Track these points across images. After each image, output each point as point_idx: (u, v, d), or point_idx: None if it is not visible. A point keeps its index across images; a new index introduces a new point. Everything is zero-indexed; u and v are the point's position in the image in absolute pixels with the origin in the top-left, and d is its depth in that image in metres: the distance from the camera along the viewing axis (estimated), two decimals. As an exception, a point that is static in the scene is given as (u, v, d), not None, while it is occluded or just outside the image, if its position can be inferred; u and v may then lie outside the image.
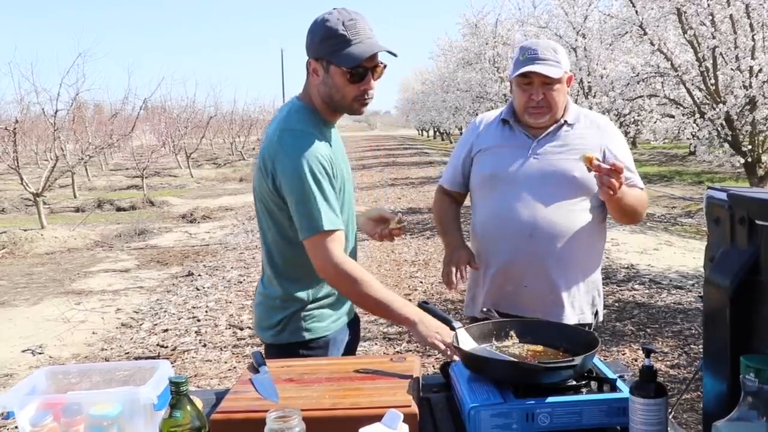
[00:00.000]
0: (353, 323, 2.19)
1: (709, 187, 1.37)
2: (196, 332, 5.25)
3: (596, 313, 2.24)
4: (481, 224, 2.26)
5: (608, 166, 1.88)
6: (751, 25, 7.66)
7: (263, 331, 2.07)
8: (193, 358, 4.73)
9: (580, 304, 2.19)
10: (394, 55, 1.89)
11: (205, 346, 4.92)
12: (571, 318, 2.15)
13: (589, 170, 1.92)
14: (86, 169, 19.34)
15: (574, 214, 2.12)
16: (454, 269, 2.16)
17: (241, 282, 6.96)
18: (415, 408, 1.44)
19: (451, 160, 2.41)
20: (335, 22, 1.85)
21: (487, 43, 15.57)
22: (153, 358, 4.64)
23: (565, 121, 2.19)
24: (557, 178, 2.09)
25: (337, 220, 1.86)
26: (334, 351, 2.05)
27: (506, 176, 2.17)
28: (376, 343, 4.85)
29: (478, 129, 2.32)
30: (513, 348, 1.68)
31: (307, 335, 2.00)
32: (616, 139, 2.20)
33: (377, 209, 2.25)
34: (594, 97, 10.12)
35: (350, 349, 2.15)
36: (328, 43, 1.86)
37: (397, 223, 2.16)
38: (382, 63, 1.93)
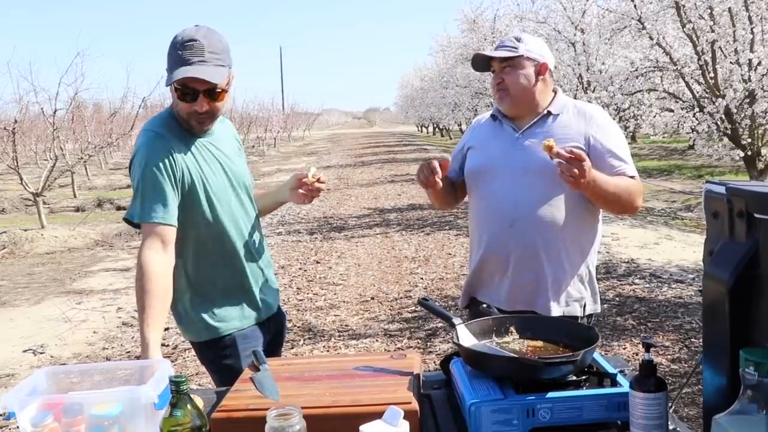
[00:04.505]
0: (269, 323, 2.24)
1: (707, 181, 1.37)
2: (197, 331, 5.25)
3: (584, 306, 2.20)
4: (471, 217, 2.32)
5: (567, 154, 1.88)
6: (749, 18, 7.64)
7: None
8: (193, 356, 4.73)
9: (565, 297, 2.17)
10: (210, 83, 1.92)
11: (206, 344, 4.92)
12: (554, 310, 2.14)
13: (552, 158, 1.91)
14: (86, 169, 19.33)
15: (557, 204, 2.12)
16: (423, 170, 2.12)
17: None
18: (415, 405, 1.44)
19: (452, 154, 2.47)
20: (176, 42, 1.95)
21: (485, 39, 15.55)
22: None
23: (549, 112, 2.21)
24: (538, 168, 2.09)
25: (162, 215, 1.93)
26: (246, 348, 2.08)
27: (490, 169, 2.22)
28: (377, 340, 4.85)
29: (474, 127, 2.42)
30: (513, 344, 1.68)
31: (207, 335, 2.09)
32: (604, 128, 2.17)
33: (292, 177, 2.32)
34: (593, 92, 10.10)
35: (271, 349, 2.22)
36: (167, 60, 1.97)
37: (314, 176, 2.25)
38: (220, 88, 1.98)
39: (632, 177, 2.14)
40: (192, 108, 1.98)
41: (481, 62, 2.28)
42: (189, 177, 1.99)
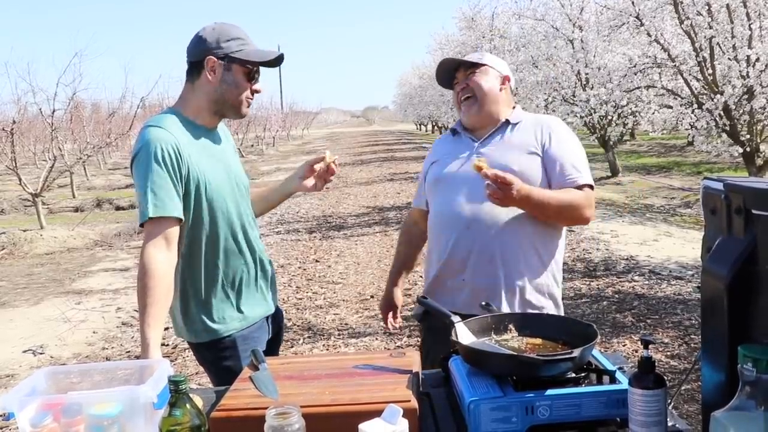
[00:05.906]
0: (267, 323, 2.23)
1: (705, 178, 1.37)
2: (196, 330, 5.25)
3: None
4: (430, 225, 2.31)
5: (492, 176, 1.90)
6: (747, 15, 7.65)
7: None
8: (192, 356, 4.73)
9: (521, 304, 2.14)
10: (277, 61, 2.08)
11: (205, 343, 4.92)
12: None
13: (482, 177, 1.94)
14: (85, 169, 19.33)
15: (514, 210, 2.10)
16: (383, 316, 2.36)
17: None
18: (414, 403, 1.44)
19: (418, 181, 2.50)
20: (234, 28, 2.02)
21: (483, 37, 15.54)
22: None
23: (507, 121, 2.24)
24: None
25: (169, 210, 1.90)
26: (246, 349, 2.06)
27: (448, 177, 2.24)
28: (376, 339, 4.86)
29: (435, 144, 2.45)
30: (512, 341, 1.67)
31: (207, 336, 2.08)
32: (559, 137, 2.19)
33: (302, 166, 2.30)
34: (591, 89, 10.11)
35: (270, 348, 2.22)
36: (235, 42, 2.00)
37: (329, 159, 2.24)
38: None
39: (585, 186, 2.14)
40: (254, 87, 2.07)
41: (446, 74, 2.31)
42: (194, 175, 1.98)
